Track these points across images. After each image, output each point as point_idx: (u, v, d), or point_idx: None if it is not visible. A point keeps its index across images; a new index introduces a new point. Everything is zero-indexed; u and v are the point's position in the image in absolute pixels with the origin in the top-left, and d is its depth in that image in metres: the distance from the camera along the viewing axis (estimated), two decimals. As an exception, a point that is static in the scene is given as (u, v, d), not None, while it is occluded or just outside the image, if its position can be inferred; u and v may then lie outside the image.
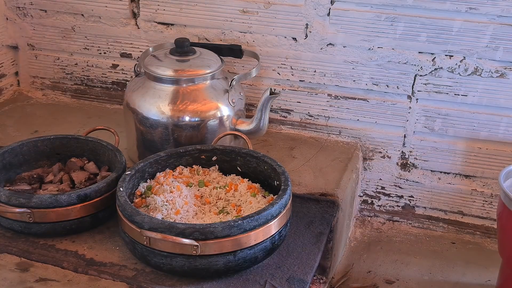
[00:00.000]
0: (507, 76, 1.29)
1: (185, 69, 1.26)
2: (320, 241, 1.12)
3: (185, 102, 1.23)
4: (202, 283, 0.99)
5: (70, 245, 1.08)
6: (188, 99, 1.24)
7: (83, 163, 1.22)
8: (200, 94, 1.25)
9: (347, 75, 1.40)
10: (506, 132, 1.34)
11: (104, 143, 1.22)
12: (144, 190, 1.10)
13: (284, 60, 1.44)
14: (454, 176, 1.42)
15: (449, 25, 1.28)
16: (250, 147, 1.20)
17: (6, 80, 1.67)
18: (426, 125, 1.38)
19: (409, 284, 1.29)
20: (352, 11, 1.34)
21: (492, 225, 1.42)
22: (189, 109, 1.23)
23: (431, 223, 1.47)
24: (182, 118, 1.23)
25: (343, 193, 1.26)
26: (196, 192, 1.11)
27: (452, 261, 1.36)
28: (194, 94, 1.24)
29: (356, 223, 1.49)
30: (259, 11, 1.41)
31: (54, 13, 1.58)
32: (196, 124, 1.24)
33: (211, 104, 1.25)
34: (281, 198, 1.01)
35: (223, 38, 1.46)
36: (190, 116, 1.23)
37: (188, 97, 1.24)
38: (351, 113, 1.44)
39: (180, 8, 1.47)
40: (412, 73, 1.35)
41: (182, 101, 1.23)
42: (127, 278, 1.00)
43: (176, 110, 1.23)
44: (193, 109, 1.23)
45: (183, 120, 1.23)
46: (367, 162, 1.46)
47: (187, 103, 1.23)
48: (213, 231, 0.93)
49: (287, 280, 1.01)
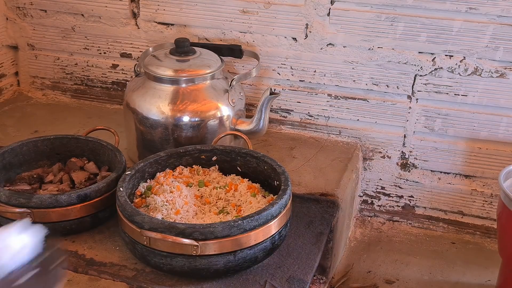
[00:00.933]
0: (507, 76, 1.29)
1: (185, 69, 1.26)
2: (320, 241, 1.12)
3: (185, 102, 1.23)
4: (202, 283, 0.99)
5: (70, 245, 1.08)
6: (188, 99, 1.24)
7: (83, 163, 1.22)
8: (200, 94, 1.25)
9: (347, 75, 1.40)
10: (506, 132, 1.34)
11: (104, 143, 1.22)
12: (144, 190, 1.10)
13: (284, 60, 1.44)
14: (454, 176, 1.42)
15: (449, 25, 1.29)
16: (250, 147, 1.20)
17: (6, 80, 1.67)
18: (426, 125, 1.38)
19: (409, 284, 1.29)
20: (352, 11, 1.34)
21: (492, 225, 1.42)
22: (189, 109, 1.23)
23: (431, 223, 1.47)
24: (182, 118, 1.23)
25: (343, 193, 1.26)
26: (196, 192, 1.11)
27: (452, 261, 1.36)
28: (194, 94, 1.24)
29: (356, 223, 1.49)
30: (259, 11, 1.41)
31: (54, 13, 1.58)
32: (196, 124, 1.24)
33: (211, 104, 1.25)
34: (281, 198, 1.00)
35: (223, 38, 1.46)
36: (190, 116, 1.23)
37: (188, 97, 1.24)
38: (351, 113, 1.44)
39: (180, 8, 1.47)
40: (412, 73, 1.35)
41: (182, 101, 1.23)
42: (127, 278, 1.00)
43: (176, 110, 1.23)
44: (193, 109, 1.23)
45: (183, 120, 1.23)
46: (367, 162, 1.46)
47: (187, 103, 1.23)
48: (213, 231, 0.93)
49: (287, 280, 1.01)
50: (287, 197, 1.02)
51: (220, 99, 1.26)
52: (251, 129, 1.26)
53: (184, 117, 1.23)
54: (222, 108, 1.26)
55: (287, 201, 1.02)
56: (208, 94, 1.25)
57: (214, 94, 1.26)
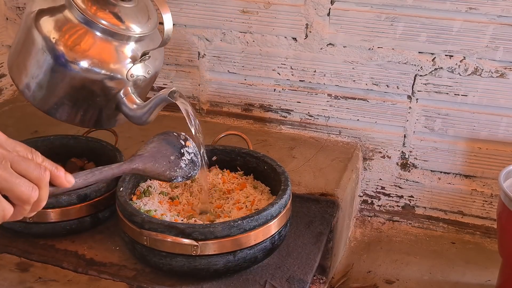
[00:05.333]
0: (507, 76, 1.29)
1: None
2: (320, 241, 1.12)
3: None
4: (202, 283, 0.99)
5: (70, 245, 1.08)
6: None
7: (83, 163, 1.22)
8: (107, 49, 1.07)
9: (347, 75, 1.40)
10: (506, 132, 1.34)
11: (104, 143, 1.22)
12: (144, 190, 1.10)
13: (284, 60, 1.44)
14: (454, 176, 1.42)
15: (449, 25, 1.28)
16: (250, 147, 1.20)
17: (6, 80, 1.67)
18: (426, 125, 1.38)
19: (409, 284, 1.29)
20: (352, 11, 1.34)
21: (492, 225, 1.42)
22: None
23: (431, 223, 1.47)
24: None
25: (343, 193, 1.26)
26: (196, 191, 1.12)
27: (452, 261, 1.36)
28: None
29: (356, 223, 1.49)
30: (259, 11, 1.41)
31: (54, 13, 1.58)
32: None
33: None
34: (281, 198, 1.01)
35: (223, 38, 1.46)
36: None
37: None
38: (351, 113, 1.44)
39: (180, 8, 1.47)
40: (412, 73, 1.35)
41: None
42: (127, 278, 1.00)
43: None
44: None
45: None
46: (367, 162, 1.46)
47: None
48: (213, 231, 0.93)
49: (287, 280, 1.01)
50: (287, 197, 1.02)
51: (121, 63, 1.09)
52: (133, 111, 1.09)
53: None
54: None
55: (287, 201, 1.02)
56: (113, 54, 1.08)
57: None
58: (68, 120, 1.14)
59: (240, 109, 1.53)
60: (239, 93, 1.51)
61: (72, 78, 1.07)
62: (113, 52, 1.08)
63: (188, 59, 1.52)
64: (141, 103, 1.09)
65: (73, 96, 1.10)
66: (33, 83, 1.11)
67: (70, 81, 1.07)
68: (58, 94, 1.10)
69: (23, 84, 1.13)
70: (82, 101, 1.10)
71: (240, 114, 1.54)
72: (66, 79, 1.07)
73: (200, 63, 1.51)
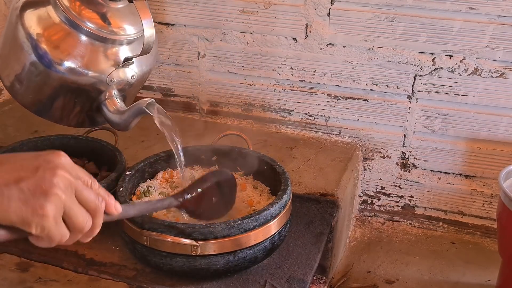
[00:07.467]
0: (507, 76, 1.29)
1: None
2: (320, 241, 1.12)
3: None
4: (202, 283, 0.99)
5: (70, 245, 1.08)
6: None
7: (83, 163, 1.22)
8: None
9: (347, 75, 1.40)
10: (506, 132, 1.34)
11: (104, 143, 1.22)
12: (144, 190, 1.10)
13: (284, 60, 1.44)
14: (454, 176, 1.42)
15: (449, 25, 1.29)
16: (250, 147, 1.20)
17: (6, 80, 1.66)
18: (426, 125, 1.39)
19: (409, 284, 1.29)
20: (352, 11, 1.34)
21: (492, 225, 1.42)
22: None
23: (431, 223, 1.47)
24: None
25: (343, 193, 1.26)
26: (196, 192, 1.11)
27: (452, 261, 1.36)
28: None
29: (356, 223, 1.49)
30: (259, 11, 1.41)
31: (54, 13, 1.58)
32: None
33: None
34: (281, 198, 1.01)
35: (223, 38, 1.46)
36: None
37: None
38: (351, 113, 1.44)
39: (180, 8, 1.47)
40: (412, 73, 1.35)
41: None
42: (127, 278, 1.00)
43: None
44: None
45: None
46: (367, 162, 1.46)
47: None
48: (213, 231, 0.93)
49: (287, 280, 1.01)
50: (287, 197, 1.02)
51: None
52: (114, 115, 1.08)
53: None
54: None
55: (287, 201, 1.02)
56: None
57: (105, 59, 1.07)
58: (49, 117, 1.13)
59: (240, 109, 1.53)
60: (239, 93, 1.51)
61: (51, 77, 1.05)
62: (95, 54, 1.05)
63: (188, 59, 1.52)
64: (123, 108, 1.07)
65: (52, 95, 1.08)
66: (14, 78, 1.09)
67: (49, 79, 1.05)
68: (37, 92, 1.08)
69: (7, 80, 1.11)
70: (61, 100, 1.09)
71: (240, 114, 1.54)
72: (45, 77, 1.05)
73: (200, 63, 1.52)
